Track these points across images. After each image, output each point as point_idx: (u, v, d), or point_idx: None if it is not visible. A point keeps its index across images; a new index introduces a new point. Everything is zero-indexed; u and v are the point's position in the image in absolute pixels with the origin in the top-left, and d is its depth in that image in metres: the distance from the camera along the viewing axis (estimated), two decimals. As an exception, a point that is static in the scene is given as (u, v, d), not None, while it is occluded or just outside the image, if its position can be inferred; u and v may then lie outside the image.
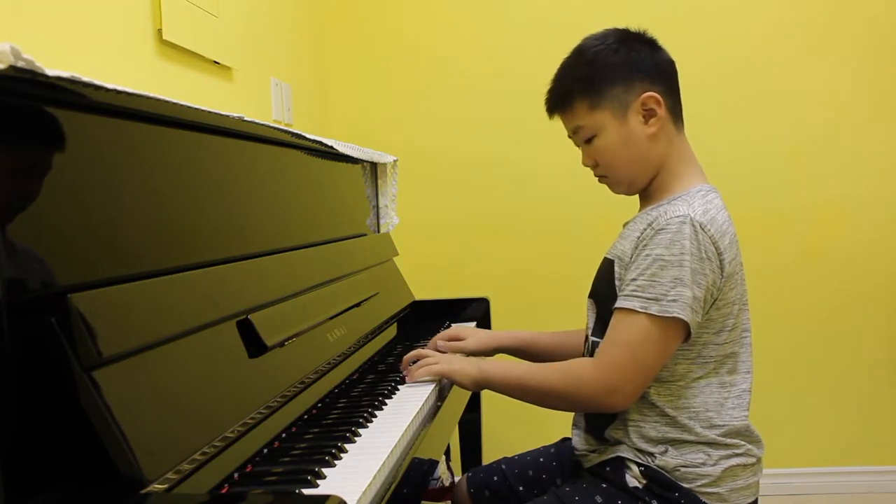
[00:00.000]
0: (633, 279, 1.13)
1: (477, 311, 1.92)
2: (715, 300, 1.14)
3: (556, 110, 1.27)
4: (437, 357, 1.31)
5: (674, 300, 1.10)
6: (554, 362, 1.24)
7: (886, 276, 2.48)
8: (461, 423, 1.90)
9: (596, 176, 1.29)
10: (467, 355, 1.44)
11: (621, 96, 1.20)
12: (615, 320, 1.15)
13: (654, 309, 1.10)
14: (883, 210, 2.47)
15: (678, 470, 1.14)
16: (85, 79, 0.75)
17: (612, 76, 1.20)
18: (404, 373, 1.31)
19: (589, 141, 1.24)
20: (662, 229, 1.13)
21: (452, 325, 1.55)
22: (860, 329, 2.50)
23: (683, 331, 1.13)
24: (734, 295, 1.17)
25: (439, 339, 1.49)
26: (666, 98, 1.20)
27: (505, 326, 2.10)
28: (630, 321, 1.12)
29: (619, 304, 1.14)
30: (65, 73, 0.72)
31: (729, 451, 1.15)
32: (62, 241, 0.75)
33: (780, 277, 2.46)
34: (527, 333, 1.50)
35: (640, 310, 1.11)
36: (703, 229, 1.12)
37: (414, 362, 1.33)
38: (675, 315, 1.10)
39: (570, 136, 1.28)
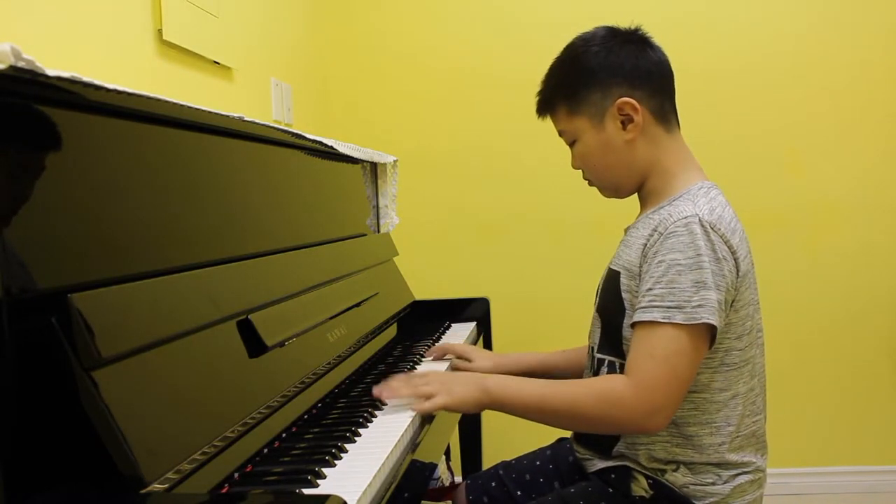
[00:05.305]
0: (649, 289, 1.07)
1: (477, 311, 1.91)
2: (733, 302, 1.09)
3: (542, 113, 1.27)
4: (433, 384, 1.14)
5: (699, 305, 1.03)
6: (574, 380, 1.16)
7: (886, 277, 2.49)
8: (461, 423, 1.90)
9: (584, 179, 1.28)
10: None
11: (598, 102, 1.18)
12: (640, 335, 1.07)
13: (678, 317, 1.04)
14: (883, 210, 2.47)
15: (687, 487, 1.11)
16: (85, 79, 0.75)
17: (589, 81, 1.18)
18: (379, 396, 1.14)
19: (572, 145, 1.24)
20: (672, 233, 1.07)
21: (450, 339, 1.49)
22: (860, 329, 2.50)
23: (709, 337, 1.07)
24: (749, 295, 1.12)
25: (450, 354, 1.44)
26: (649, 101, 1.17)
27: (505, 327, 2.11)
28: (657, 334, 1.05)
29: (637, 317, 1.07)
30: (65, 73, 0.72)
31: (739, 470, 1.12)
32: (62, 240, 0.75)
33: (779, 278, 2.46)
34: (533, 356, 1.42)
35: (662, 320, 1.04)
36: (713, 229, 1.07)
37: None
38: (704, 321, 1.03)
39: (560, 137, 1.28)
